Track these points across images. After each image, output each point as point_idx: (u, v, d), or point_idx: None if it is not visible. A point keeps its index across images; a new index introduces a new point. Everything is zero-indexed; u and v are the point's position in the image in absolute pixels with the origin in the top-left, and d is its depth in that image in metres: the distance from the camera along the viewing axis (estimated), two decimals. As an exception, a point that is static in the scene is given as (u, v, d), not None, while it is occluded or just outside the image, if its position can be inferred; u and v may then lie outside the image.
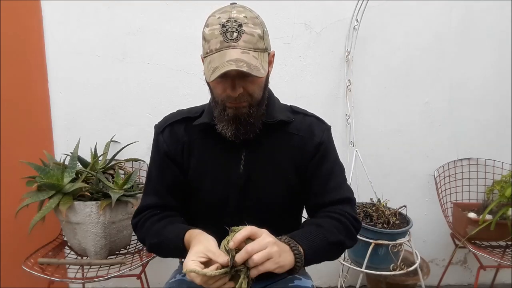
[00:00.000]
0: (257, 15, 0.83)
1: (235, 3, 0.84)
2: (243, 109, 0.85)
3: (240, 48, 0.77)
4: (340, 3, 1.73)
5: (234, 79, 0.80)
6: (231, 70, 0.75)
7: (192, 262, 0.72)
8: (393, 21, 1.78)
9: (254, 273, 0.72)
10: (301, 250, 0.79)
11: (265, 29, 0.83)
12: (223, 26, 0.77)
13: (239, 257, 0.71)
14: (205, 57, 0.81)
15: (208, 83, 0.88)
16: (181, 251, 0.83)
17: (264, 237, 0.73)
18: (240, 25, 0.78)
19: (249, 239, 0.73)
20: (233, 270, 0.72)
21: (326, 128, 0.99)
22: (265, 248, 0.71)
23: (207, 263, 0.73)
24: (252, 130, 0.88)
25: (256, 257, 0.70)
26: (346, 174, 1.03)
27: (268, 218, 0.86)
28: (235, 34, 0.77)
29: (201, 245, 0.75)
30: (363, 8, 1.64)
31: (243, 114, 0.85)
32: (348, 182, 1.68)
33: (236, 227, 0.76)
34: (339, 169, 0.99)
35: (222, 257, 0.72)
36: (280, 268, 0.74)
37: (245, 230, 0.73)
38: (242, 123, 0.86)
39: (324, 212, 0.93)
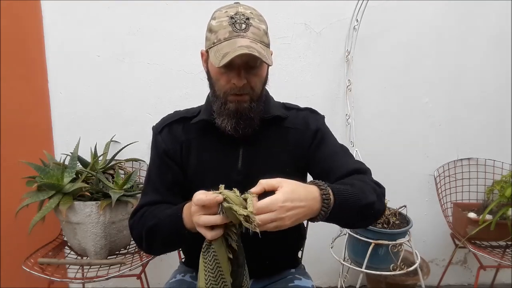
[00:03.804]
0: (260, 13, 0.86)
1: (238, 2, 0.86)
2: (244, 104, 0.86)
3: (249, 38, 0.80)
4: (340, 3, 1.73)
5: (240, 68, 0.82)
6: (236, 58, 0.76)
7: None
8: (393, 21, 1.78)
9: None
10: (332, 198, 0.73)
11: (267, 27, 0.86)
12: (231, 18, 0.80)
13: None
14: (210, 47, 0.82)
15: (209, 77, 0.89)
16: (179, 222, 0.80)
17: (275, 199, 0.67)
18: (247, 19, 0.81)
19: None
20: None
21: (320, 117, 1.01)
22: (273, 211, 0.66)
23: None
24: (251, 124, 0.89)
25: (260, 217, 0.65)
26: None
27: None
28: (243, 26, 0.80)
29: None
30: (363, 8, 1.64)
31: (244, 108, 0.86)
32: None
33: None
34: (341, 149, 0.98)
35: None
36: (287, 226, 0.68)
37: (266, 184, 0.70)
38: (242, 117, 0.87)
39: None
